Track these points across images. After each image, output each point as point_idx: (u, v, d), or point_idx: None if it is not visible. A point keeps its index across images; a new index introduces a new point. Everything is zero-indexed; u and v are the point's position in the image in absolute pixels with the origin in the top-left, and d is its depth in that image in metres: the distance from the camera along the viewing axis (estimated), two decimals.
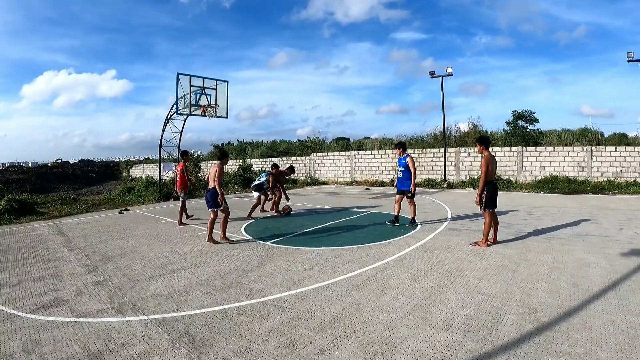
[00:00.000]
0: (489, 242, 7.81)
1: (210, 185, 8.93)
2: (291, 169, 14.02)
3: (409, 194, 9.93)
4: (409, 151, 11.54)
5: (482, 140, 8.04)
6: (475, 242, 7.96)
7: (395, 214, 10.22)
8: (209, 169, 9.77)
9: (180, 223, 11.70)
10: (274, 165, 13.53)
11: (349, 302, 5.12)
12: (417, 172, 9.98)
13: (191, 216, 12.85)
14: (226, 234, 9.07)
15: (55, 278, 6.82)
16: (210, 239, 8.90)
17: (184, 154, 13.38)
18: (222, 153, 9.41)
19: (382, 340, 4.03)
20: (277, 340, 4.15)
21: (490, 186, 7.72)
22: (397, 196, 10.23)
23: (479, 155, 21.08)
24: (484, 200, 7.68)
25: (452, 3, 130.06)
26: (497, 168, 18.12)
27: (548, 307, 4.72)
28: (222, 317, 4.82)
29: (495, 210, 7.82)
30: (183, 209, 12.01)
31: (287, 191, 15.46)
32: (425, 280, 5.89)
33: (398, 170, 10.17)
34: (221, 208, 8.79)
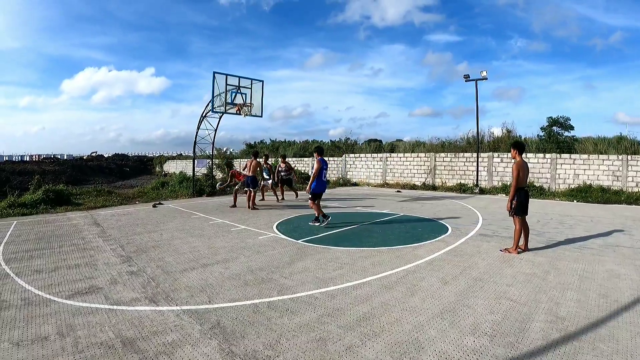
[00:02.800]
0: (519, 249, 7.75)
1: (250, 174, 14.41)
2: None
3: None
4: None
5: (518, 145, 8.04)
6: (505, 249, 7.93)
7: (316, 213, 10.87)
8: (247, 163, 14.91)
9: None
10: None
11: (378, 302, 5.17)
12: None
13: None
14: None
15: (90, 266, 7.03)
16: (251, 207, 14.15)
17: (256, 154, 15.52)
18: (254, 152, 14.88)
19: (409, 341, 4.08)
20: (306, 335, 4.23)
21: (522, 193, 7.69)
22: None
23: (512, 160, 20.91)
24: (514, 206, 7.66)
25: (487, 5, 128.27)
26: (530, 175, 17.79)
27: (576, 317, 4.69)
28: (253, 311, 4.92)
29: (526, 217, 7.77)
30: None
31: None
32: (454, 284, 5.90)
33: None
34: (256, 189, 14.19)
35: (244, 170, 15.22)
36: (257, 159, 14.95)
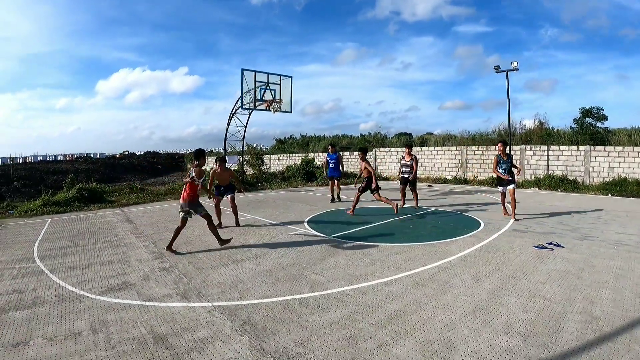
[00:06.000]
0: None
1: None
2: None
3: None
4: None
5: (363, 149, 11.83)
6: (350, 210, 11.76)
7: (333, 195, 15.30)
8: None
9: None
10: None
11: (409, 300, 5.14)
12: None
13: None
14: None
15: (123, 263, 7.20)
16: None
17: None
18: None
19: (441, 340, 4.04)
20: (337, 333, 4.23)
21: (369, 179, 11.47)
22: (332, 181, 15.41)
23: (544, 153, 20.57)
24: (362, 186, 11.61)
25: None
26: (564, 168, 17.82)
27: (611, 317, 4.56)
28: (284, 308, 4.95)
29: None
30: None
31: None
32: (487, 281, 5.82)
33: (330, 162, 15.25)
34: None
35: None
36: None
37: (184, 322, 4.61)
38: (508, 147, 10.21)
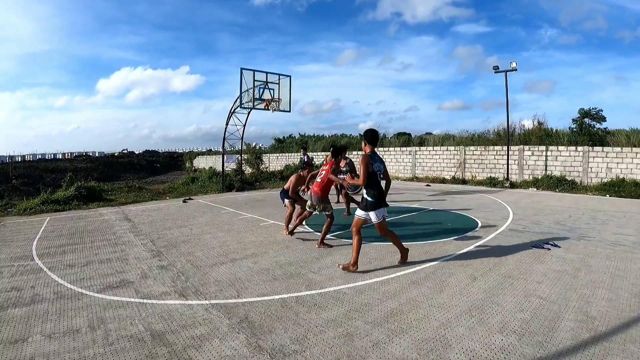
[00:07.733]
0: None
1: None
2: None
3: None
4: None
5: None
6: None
7: None
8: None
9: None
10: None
11: (406, 298, 5.16)
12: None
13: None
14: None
15: (122, 261, 7.22)
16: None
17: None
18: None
19: (436, 338, 4.07)
20: (333, 331, 4.26)
21: None
22: None
23: (542, 154, 20.59)
24: None
25: None
26: (562, 168, 17.84)
27: (606, 316, 4.58)
28: (281, 306, 4.97)
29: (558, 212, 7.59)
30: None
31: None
32: (483, 280, 5.84)
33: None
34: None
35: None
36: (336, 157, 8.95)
37: (181, 319, 4.63)
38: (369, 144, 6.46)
